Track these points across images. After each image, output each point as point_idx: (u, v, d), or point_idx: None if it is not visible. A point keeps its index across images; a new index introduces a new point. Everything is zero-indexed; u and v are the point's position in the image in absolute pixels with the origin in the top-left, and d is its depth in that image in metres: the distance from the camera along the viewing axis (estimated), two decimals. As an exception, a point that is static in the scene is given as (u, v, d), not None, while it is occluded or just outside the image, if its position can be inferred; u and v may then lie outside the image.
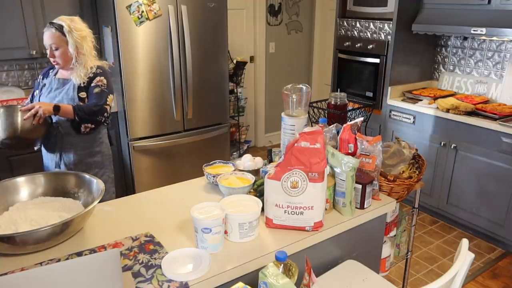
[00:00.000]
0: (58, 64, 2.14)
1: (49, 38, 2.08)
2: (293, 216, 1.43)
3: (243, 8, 4.59)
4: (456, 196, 3.23)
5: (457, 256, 1.31)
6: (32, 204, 1.51)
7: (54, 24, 2.08)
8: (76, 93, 2.14)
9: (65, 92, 2.15)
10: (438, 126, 3.25)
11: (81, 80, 2.14)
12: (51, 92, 2.18)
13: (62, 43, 2.08)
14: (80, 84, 2.15)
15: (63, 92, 2.15)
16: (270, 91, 5.02)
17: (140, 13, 3.01)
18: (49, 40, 2.08)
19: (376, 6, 3.62)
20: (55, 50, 2.09)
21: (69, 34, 2.08)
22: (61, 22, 2.09)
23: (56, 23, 2.09)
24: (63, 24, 2.08)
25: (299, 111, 1.94)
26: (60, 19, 2.12)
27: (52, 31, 2.07)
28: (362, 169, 1.63)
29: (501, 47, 3.33)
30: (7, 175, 2.84)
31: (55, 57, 2.11)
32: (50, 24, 2.09)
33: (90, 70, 2.17)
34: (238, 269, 1.27)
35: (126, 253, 1.32)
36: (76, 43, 2.10)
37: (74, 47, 2.10)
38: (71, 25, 2.10)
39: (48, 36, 2.08)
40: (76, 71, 2.15)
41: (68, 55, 2.11)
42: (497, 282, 2.71)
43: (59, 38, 2.08)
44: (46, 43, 2.10)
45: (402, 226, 2.10)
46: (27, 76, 3.41)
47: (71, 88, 2.15)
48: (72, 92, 2.14)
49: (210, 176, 1.78)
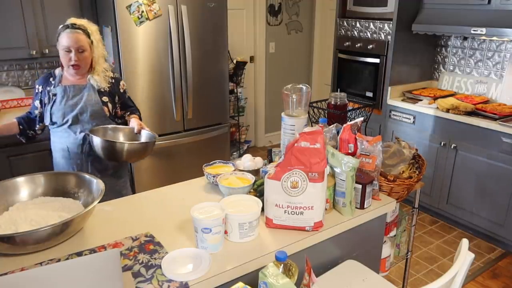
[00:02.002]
0: (78, 67, 2.04)
1: (75, 41, 1.98)
2: (293, 216, 1.43)
3: (243, 8, 4.59)
4: (456, 196, 3.23)
5: (457, 256, 1.31)
6: (32, 204, 1.51)
7: (78, 26, 2.01)
8: (99, 97, 2.10)
9: (86, 97, 2.08)
10: (438, 126, 3.25)
11: (102, 85, 2.11)
12: (69, 99, 2.08)
13: (87, 45, 2.02)
14: (100, 88, 2.11)
15: (84, 97, 2.08)
16: (270, 91, 5.02)
17: (140, 13, 3.01)
18: (75, 43, 1.98)
19: (376, 6, 3.62)
20: (81, 53, 2.01)
21: (92, 37, 2.04)
22: (82, 24, 2.03)
23: (79, 25, 2.02)
24: (85, 26, 2.03)
25: (299, 111, 1.94)
26: (76, 21, 2.04)
27: (79, 33, 1.99)
28: (362, 169, 1.63)
29: (501, 47, 3.33)
30: (7, 175, 2.85)
31: (77, 60, 2.01)
32: (72, 26, 2.00)
33: (107, 73, 2.14)
34: (238, 269, 1.27)
35: (126, 253, 1.32)
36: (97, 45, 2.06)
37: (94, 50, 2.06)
38: (90, 27, 2.06)
39: (73, 38, 1.98)
40: (94, 75, 2.10)
41: (89, 58, 2.06)
42: (497, 282, 2.71)
43: (85, 41, 2.01)
44: (71, 46, 1.98)
45: (402, 226, 2.10)
46: (27, 76, 3.41)
47: (91, 93, 2.09)
48: (95, 97, 2.09)
49: (210, 176, 1.78)
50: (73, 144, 2.09)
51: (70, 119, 2.07)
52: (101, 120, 2.12)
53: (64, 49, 1.99)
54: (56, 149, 2.17)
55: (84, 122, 2.08)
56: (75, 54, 1.99)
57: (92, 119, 2.09)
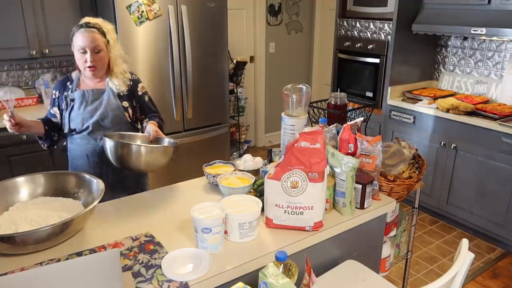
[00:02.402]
0: (95, 69, 1.92)
1: (91, 41, 1.87)
2: (293, 216, 1.43)
3: (243, 8, 4.59)
4: (456, 196, 3.23)
5: (457, 256, 1.31)
6: (32, 204, 1.51)
7: (93, 25, 1.90)
8: (119, 102, 1.99)
9: (106, 102, 1.97)
10: (438, 126, 3.25)
11: (122, 88, 2.00)
12: (88, 105, 1.97)
13: (103, 45, 1.91)
14: (120, 92, 2.00)
15: (103, 102, 1.97)
16: (270, 91, 5.02)
17: (140, 13, 3.01)
18: (90, 43, 1.87)
19: (376, 6, 3.62)
20: (97, 53, 1.89)
21: (108, 36, 1.94)
22: (96, 22, 1.92)
23: (94, 24, 1.91)
24: (100, 24, 1.93)
25: (299, 111, 1.94)
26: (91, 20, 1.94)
27: (94, 32, 1.88)
28: (362, 169, 1.63)
29: (501, 47, 3.33)
30: (7, 175, 2.85)
31: (93, 61, 1.89)
32: (86, 25, 1.89)
33: (125, 76, 2.03)
34: (238, 269, 1.27)
35: (126, 253, 1.32)
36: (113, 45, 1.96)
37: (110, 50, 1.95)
38: (106, 26, 1.96)
39: (88, 38, 1.87)
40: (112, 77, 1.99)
41: (106, 59, 1.95)
42: (497, 282, 2.71)
43: (100, 40, 1.90)
44: (86, 46, 1.87)
45: (402, 226, 2.10)
46: (27, 76, 3.41)
47: (111, 97, 1.98)
48: (115, 101, 1.98)
49: (210, 176, 1.78)
50: (93, 152, 1.99)
51: (91, 125, 1.96)
52: (123, 126, 2.01)
53: (79, 50, 1.88)
54: (74, 157, 2.06)
55: (105, 128, 1.97)
56: (90, 55, 1.88)
57: (114, 125, 1.98)
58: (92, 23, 1.91)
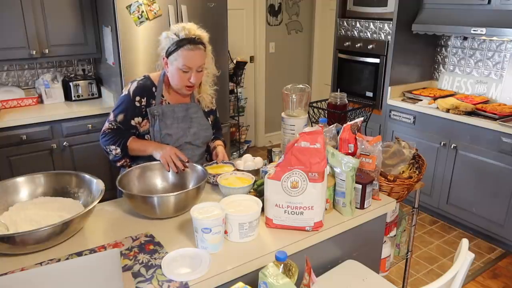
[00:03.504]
0: (193, 89, 1.74)
1: (200, 59, 1.68)
2: (293, 216, 1.43)
3: (243, 8, 4.59)
4: (456, 196, 3.23)
5: (457, 256, 1.31)
6: (32, 204, 1.51)
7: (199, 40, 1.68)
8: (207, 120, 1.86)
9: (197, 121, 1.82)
10: (438, 126, 3.25)
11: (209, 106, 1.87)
12: (180, 122, 1.80)
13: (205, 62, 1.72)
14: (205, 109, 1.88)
15: (194, 120, 1.82)
16: (270, 91, 5.02)
17: (140, 13, 3.01)
18: (199, 61, 1.68)
19: (376, 6, 3.62)
20: (199, 72, 1.70)
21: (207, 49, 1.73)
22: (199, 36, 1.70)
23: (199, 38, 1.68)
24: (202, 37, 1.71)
25: (299, 111, 1.94)
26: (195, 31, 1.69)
27: (200, 49, 1.68)
28: (362, 169, 1.63)
29: (501, 47, 3.33)
30: (7, 175, 2.85)
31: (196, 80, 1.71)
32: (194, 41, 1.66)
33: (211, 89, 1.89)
34: (238, 269, 1.27)
35: (126, 253, 1.32)
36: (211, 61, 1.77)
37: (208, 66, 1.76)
38: (205, 37, 1.73)
39: (196, 57, 1.67)
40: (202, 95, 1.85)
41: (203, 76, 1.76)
42: (497, 282, 2.71)
43: (204, 57, 1.70)
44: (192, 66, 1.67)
45: (402, 226, 2.10)
46: (27, 76, 3.41)
47: (199, 115, 1.83)
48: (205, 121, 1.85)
49: (210, 176, 1.78)
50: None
51: (183, 144, 1.81)
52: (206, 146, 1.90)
53: (182, 69, 1.68)
54: None
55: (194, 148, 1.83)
56: (194, 75, 1.69)
57: (202, 145, 1.88)
58: (197, 36, 1.69)
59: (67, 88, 3.39)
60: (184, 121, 1.82)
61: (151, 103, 1.79)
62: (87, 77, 3.53)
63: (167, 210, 1.50)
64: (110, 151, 1.77)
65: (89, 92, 3.45)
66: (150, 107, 1.78)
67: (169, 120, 1.79)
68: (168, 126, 1.79)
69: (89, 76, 3.58)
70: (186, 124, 1.82)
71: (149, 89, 1.79)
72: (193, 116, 1.84)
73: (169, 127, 1.79)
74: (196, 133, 1.84)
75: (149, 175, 1.71)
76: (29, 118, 2.96)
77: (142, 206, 1.50)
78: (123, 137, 1.77)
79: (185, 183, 1.70)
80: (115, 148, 1.76)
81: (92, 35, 3.33)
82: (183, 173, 1.71)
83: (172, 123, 1.80)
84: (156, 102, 1.79)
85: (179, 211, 1.53)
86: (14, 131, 2.91)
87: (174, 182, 1.72)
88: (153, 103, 1.79)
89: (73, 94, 3.39)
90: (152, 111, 1.77)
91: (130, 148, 1.76)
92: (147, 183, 1.69)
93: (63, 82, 3.41)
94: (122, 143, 1.76)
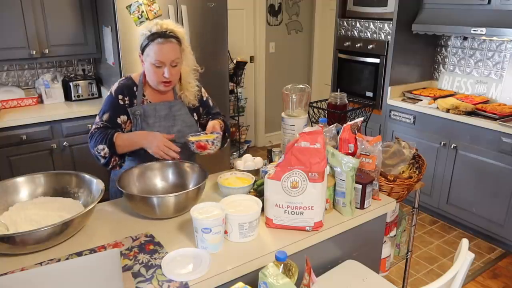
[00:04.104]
0: (170, 84, 1.71)
1: (172, 52, 1.65)
2: (293, 216, 1.43)
3: (243, 8, 4.59)
4: (456, 196, 3.23)
5: (457, 256, 1.31)
6: (32, 204, 1.51)
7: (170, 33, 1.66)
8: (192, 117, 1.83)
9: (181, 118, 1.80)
10: (438, 126, 3.25)
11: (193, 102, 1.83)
12: (162, 120, 1.78)
13: (180, 57, 1.70)
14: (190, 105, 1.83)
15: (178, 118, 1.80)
16: (270, 91, 5.02)
17: (140, 13, 3.01)
18: (171, 55, 1.65)
19: (376, 6, 3.62)
20: (174, 67, 1.68)
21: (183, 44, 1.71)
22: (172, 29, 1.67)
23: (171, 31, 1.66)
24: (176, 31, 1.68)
25: (299, 111, 1.94)
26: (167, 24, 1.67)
27: (172, 42, 1.65)
28: (362, 169, 1.63)
29: (501, 47, 3.33)
30: (7, 175, 2.85)
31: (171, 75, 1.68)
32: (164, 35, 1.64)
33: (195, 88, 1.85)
34: (238, 269, 1.27)
35: (126, 253, 1.32)
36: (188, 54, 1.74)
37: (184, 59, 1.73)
38: (180, 31, 1.70)
39: (167, 50, 1.64)
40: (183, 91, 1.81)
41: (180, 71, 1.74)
42: (497, 282, 2.71)
43: (178, 51, 1.68)
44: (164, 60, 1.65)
45: (402, 226, 2.10)
46: (27, 76, 3.41)
47: (183, 112, 1.81)
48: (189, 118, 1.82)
49: (190, 144, 1.70)
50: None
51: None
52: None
53: (154, 64, 1.66)
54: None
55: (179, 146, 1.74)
56: (168, 70, 1.67)
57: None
58: (169, 30, 1.67)
59: (67, 88, 3.39)
60: (167, 120, 1.79)
61: (133, 103, 1.77)
62: (87, 77, 3.53)
63: (167, 211, 1.50)
64: (99, 153, 1.71)
65: (89, 92, 3.45)
66: (131, 107, 1.76)
67: (151, 119, 1.77)
68: (150, 125, 1.77)
69: (89, 76, 3.58)
70: (169, 123, 1.80)
71: (130, 89, 1.78)
72: (177, 113, 1.81)
73: (151, 126, 1.77)
74: (180, 130, 1.81)
75: (149, 175, 1.71)
76: (29, 118, 2.96)
77: (142, 206, 1.50)
78: (109, 132, 1.72)
79: (185, 183, 1.70)
80: (103, 147, 1.69)
81: (92, 35, 3.33)
82: (183, 173, 1.71)
83: (154, 122, 1.78)
84: (137, 102, 1.77)
85: (179, 212, 1.53)
86: (14, 131, 2.91)
87: (174, 182, 1.72)
88: (135, 103, 1.77)
89: (73, 94, 3.39)
90: (133, 111, 1.75)
91: (117, 145, 1.70)
92: (147, 183, 1.69)
93: (63, 82, 3.42)
94: (108, 139, 1.69)
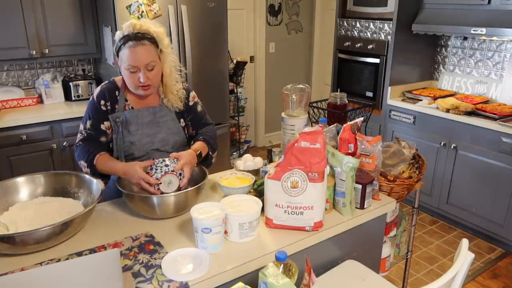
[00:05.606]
0: (149, 87, 1.60)
1: (144, 57, 1.54)
2: (293, 216, 1.43)
3: (243, 8, 4.59)
4: (456, 196, 3.23)
5: (457, 256, 1.31)
6: (32, 204, 1.51)
7: (143, 35, 1.54)
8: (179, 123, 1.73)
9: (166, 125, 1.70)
10: (438, 126, 3.24)
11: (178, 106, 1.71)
12: (145, 128, 1.67)
13: (157, 59, 1.59)
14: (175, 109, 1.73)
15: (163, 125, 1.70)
16: (270, 91, 5.02)
17: (140, 13, 3.01)
18: (144, 60, 1.54)
19: (376, 6, 3.62)
20: (150, 70, 1.57)
21: (161, 45, 1.60)
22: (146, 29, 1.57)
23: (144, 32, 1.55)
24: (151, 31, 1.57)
25: (299, 111, 1.94)
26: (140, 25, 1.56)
27: (145, 44, 1.54)
28: (362, 169, 1.63)
29: (501, 47, 3.33)
30: (7, 175, 2.85)
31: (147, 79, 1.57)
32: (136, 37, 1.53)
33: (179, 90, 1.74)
34: (238, 269, 1.27)
35: (126, 253, 1.32)
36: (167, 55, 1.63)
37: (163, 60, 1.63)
38: (156, 31, 1.59)
39: (140, 54, 1.53)
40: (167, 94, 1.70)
41: (161, 72, 1.63)
42: (497, 282, 2.71)
43: (154, 53, 1.57)
44: (138, 64, 1.54)
45: (402, 226, 2.10)
46: (27, 76, 3.41)
47: (169, 118, 1.71)
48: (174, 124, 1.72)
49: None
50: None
51: (150, 152, 1.69)
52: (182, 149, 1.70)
53: (128, 69, 1.56)
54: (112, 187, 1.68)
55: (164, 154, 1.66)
56: (144, 74, 1.56)
57: (174, 150, 1.69)
58: (142, 31, 1.55)
59: (67, 88, 3.39)
60: (150, 127, 1.69)
61: (115, 109, 1.67)
62: (87, 77, 3.53)
63: (167, 210, 1.50)
64: (81, 168, 1.65)
65: (89, 92, 3.45)
66: (112, 114, 1.66)
67: (132, 126, 1.66)
68: (132, 133, 1.67)
69: (89, 76, 3.58)
70: (152, 130, 1.69)
71: (112, 93, 1.68)
72: (161, 120, 1.71)
73: (132, 134, 1.67)
74: (164, 138, 1.71)
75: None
76: (29, 118, 2.96)
77: (142, 206, 1.50)
78: (91, 152, 1.63)
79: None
80: (85, 165, 1.63)
81: (92, 35, 3.33)
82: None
83: (136, 130, 1.67)
84: (119, 107, 1.67)
85: (179, 211, 1.53)
86: (14, 131, 2.91)
87: None
88: (117, 109, 1.67)
89: (73, 94, 3.39)
90: (114, 118, 1.65)
91: (97, 168, 1.62)
92: None
93: (63, 82, 3.41)
94: (89, 159, 1.62)
